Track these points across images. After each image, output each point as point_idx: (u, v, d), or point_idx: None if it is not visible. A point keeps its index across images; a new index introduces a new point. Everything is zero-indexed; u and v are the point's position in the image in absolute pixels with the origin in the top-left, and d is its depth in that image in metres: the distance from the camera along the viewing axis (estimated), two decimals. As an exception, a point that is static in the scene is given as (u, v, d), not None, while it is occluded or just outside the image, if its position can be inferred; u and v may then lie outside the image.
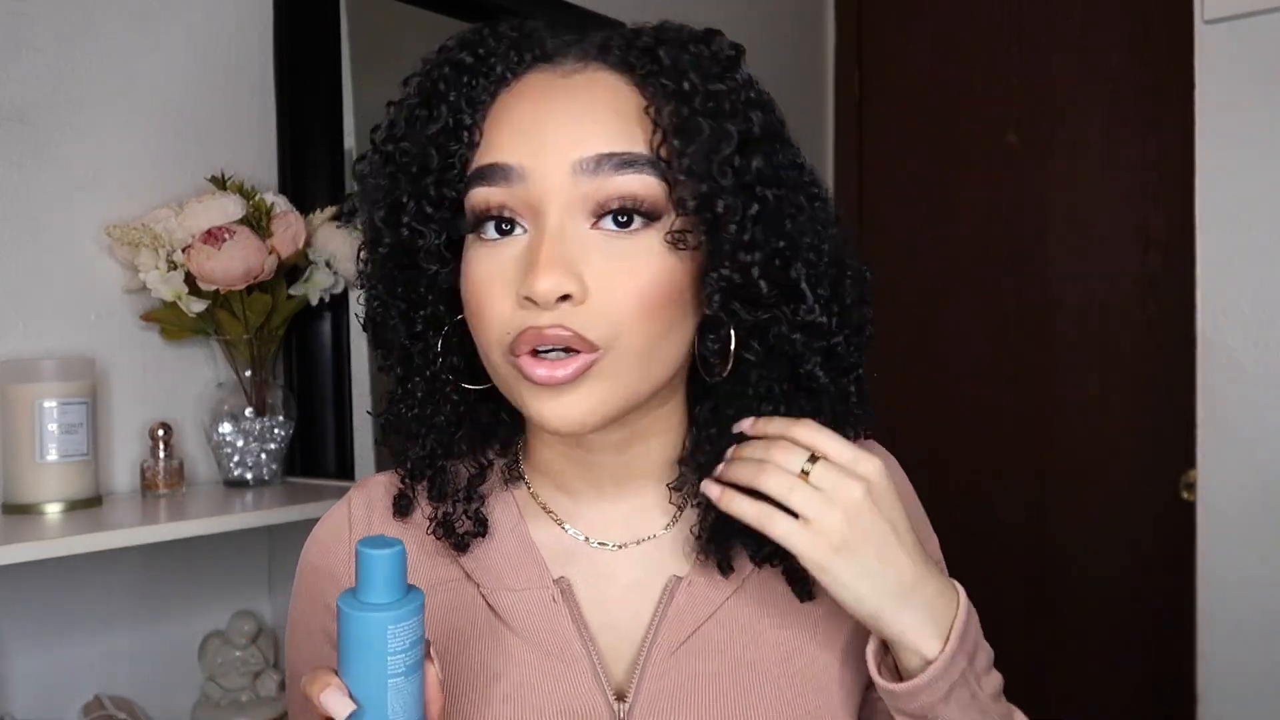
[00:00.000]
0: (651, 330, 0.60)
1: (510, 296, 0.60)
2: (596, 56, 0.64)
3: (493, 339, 0.61)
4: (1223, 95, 1.58)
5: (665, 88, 0.61)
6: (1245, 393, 1.57)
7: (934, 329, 2.39)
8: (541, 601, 0.67)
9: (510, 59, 0.65)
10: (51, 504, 1.13)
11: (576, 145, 0.60)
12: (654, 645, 0.66)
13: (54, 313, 1.23)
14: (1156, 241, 2.08)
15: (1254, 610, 1.56)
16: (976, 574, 2.66)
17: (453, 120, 0.63)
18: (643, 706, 0.65)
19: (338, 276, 1.35)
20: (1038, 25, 2.24)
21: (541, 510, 0.71)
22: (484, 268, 0.62)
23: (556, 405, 0.60)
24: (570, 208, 0.60)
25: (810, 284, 0.64)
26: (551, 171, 0.60)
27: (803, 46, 2.48)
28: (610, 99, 0.61)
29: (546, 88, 0.62)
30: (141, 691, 1.29)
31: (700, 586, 0.68)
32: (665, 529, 0.71)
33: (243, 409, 1.31)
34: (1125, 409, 2.11)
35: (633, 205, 0.60)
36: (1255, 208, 1.56)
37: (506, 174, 0.60)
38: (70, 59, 1.24)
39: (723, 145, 0.60)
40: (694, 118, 0.60)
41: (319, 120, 1.45)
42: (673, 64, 0.61)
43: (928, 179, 2.40)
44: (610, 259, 0.60)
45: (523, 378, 0.61)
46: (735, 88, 0.62)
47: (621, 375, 0.61)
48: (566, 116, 0.61)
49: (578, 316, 0.59)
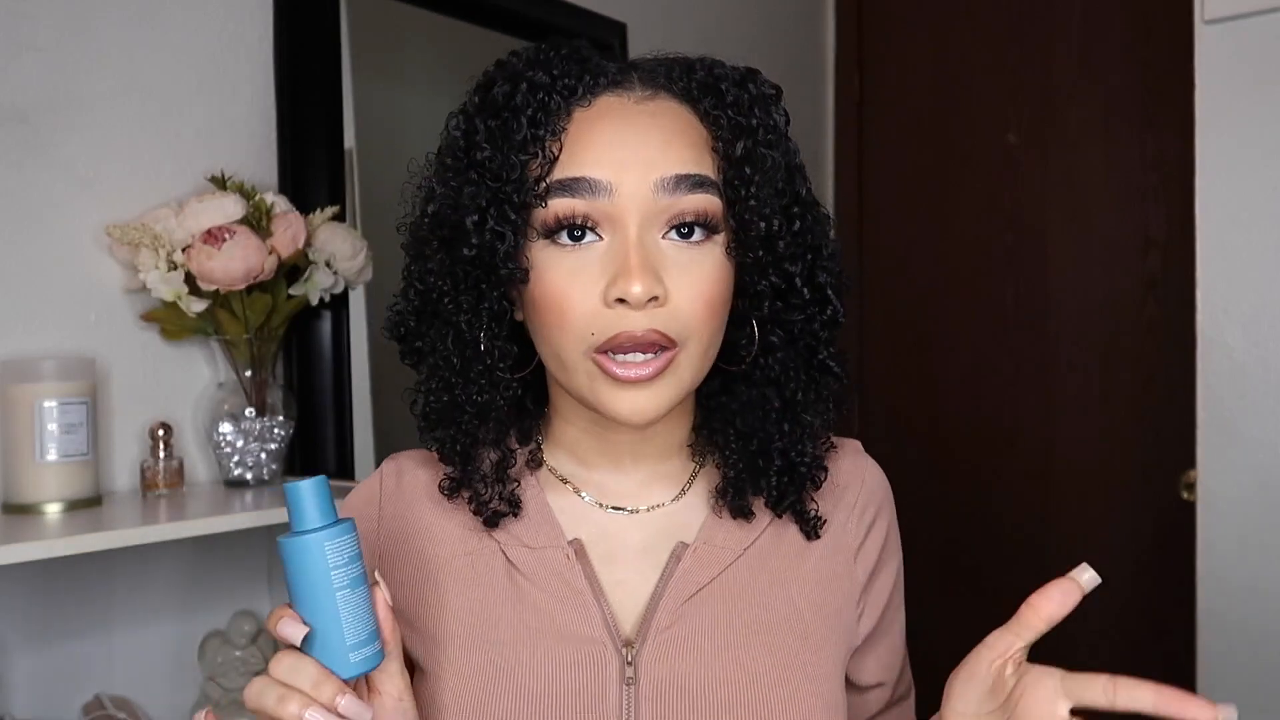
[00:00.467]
0: (713, 328, 0.70)
1: (593, 298, 0.67)
2: (665, 86, 0.72)
3: (575, 336, 0.68)
4: (1223, 95, 1.58)
5: (730, 120, 0.70)
6: (1245, 393, 1.57)
7: (934, 329, 2.40)
8: (557, 558, 0.74)
9: (585, 80, 0.71)
10: (51, 504, 1.13)
11: (657, 165, 0.67)
12: (662, 600, 0.73)
13: (54, 313, 1.23)
14: (1156, 241, 2.09)
15: (1254, 610, 1.56)
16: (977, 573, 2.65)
17: (532, 134, 0.68)
18: (649, 653, 0.72)
19: (338, 276, 1.35)
20: (1038, 25, 2.24)
21: (560, 482, 0.78)
22: (563, 270, 0.68)
23: (634, 400, 0.68)
24: (647, 220, 0.67)
25: (834, 290, 0.75)
26: (635, 188, 0.67)
27: (803, 47, 2.48)
28: (681, 125, 0.70)
29: (623, 111, 0.70)
30: (141, 691, 1.29)
31: (705, 552, 0.76)
32: (673, 500, 0.78)
33: (243, 409, 1.31)
34: (1125, 409, 2.11)
35: (701, 221, 0.68)
36: (1255, 208, 1.56)
37: (593, 187, 0.67)
38: (70, 59, 1.24)
39: (776, 173, 0.70)
40: (758, 149, 0.69)
41: (319, 120, 1.45)
42: (734, 100, 0.70)
43: (928, 179, 2.40)
44: (681, 266, 0.68)
45: (602, 374, 0.68)
46: (782, 123, 0.72)
47: (689, 370, 0.70)
48: (647, 138, 0.68)
49: (661, 317, 0.67)
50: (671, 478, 0.79)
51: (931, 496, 2.37)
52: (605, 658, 0.71)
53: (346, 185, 1.47)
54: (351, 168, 1.49)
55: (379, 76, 1.58)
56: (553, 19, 1.78)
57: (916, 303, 2.42)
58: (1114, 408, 2.13)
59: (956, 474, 2.34)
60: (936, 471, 2.37)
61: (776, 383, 0.76)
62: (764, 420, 0.76)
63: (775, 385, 0.76)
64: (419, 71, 1.67)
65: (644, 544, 0.77)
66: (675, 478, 0.79)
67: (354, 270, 1.37)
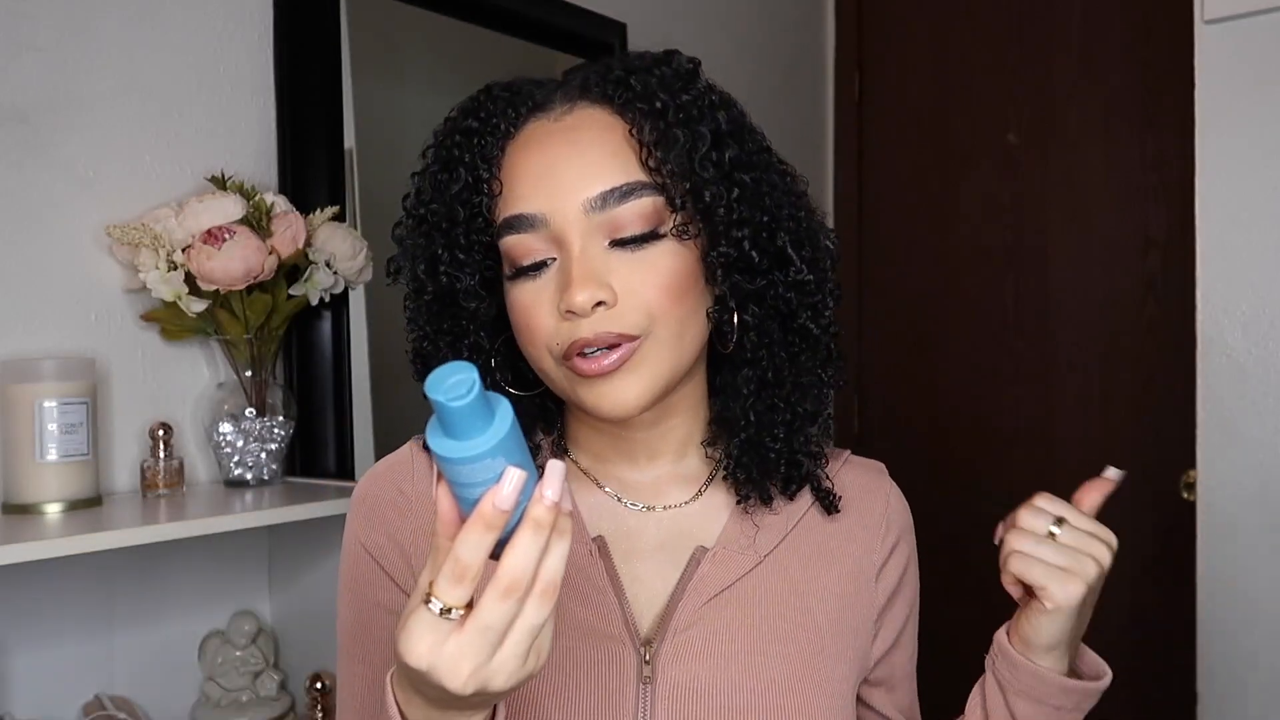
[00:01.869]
0: (679, 314, 0.71)
1: (553, 314, 0.70)
2: (580, 96, 0.73)
3: (543, 350, 0.72)
4: (1223, 95, 1.58)
5: (641, 109, 0.71)
6: (1245, 393, 1.57)
7: (934, 329, 2.39)
8: (581, 554, 0.75)
9: (509, 115, 0.74)
10: (51, 504, 1.12)
11: (583, 187, 0.70)
12: (681, 602, 0.75)
13: (54, 313, 1.23)
14: (1156, 241, 2.08)
15: (1254, 610, 1.56)
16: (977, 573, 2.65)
17: (471, 178, 0.73)
18: (666, 654, 0.73)
19: (338, 276, 1.35)
20: (1038, 25, 2.24)
21: (582, 474, 0.80)
22: (526, 295, 0.72)
23: (609, 392, 0.70)
24: (587, 235, 0.70)
25: (795, 249, 0.74)
26: (568, 212, 0.70)
27: (803, 47, 2.48)
28: (600, 135, 0.71)
29: (545, 136, 0.72)
30: (141, 691, 1.29)
31: (724, 557, 0.77)
32: (689, 501, 0.80)
33: (243, 409, 1.30)
34: (1125, 409, 2.11)
35: (639, 233, 0.70)
36: (1255, 208, 1.56)
37: (531, 221, 0.70)
38: (70, 59, 1.24)
39: (699, 145, 0.70)
40: (670, 129, 0.70)
41: (319, 120, 1.45)
42: (643, 88, 0.72)
43: (928, 179, 2.40)
44: (631, 266, 0.70)
45: (577, 376, 0.70)
46: (699, 95, 0.73)
47: (661, 357, 0.71)
48: (569, 163, 0.70)
49: (613, 318, 0.69)
50: (688, 478, 0.80)
51: (931, 496, 2.37)
52: (624, 655, 0.72)
53: (346, 185, 1.47)
54: (351, 168, 1.49)
55: (379, 76, 1.58)
56: (553, 19, 1.78)
57: (916, 303, 2.42)
58: (1114, 408, 2.13)
59: (956, 474, 2.34)
60: (936, 471, 2.37)
61: (754, 361, 0.76)
62: (750, 402, 0.76)
63: (752, 364, 0.76)
64: (419, 71, 1.67)
65: (661, 542, 0.78)
66: (692, 477, 0.80)
67: (354, 270, 1.37)
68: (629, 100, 0.71)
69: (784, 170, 0.77)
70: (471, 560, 0.51)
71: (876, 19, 2.48)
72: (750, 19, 2.29)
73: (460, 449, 0.51)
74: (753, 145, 0.75)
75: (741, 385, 0.77)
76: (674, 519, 0.79)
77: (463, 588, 0.51)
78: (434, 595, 0.51)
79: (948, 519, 2.37)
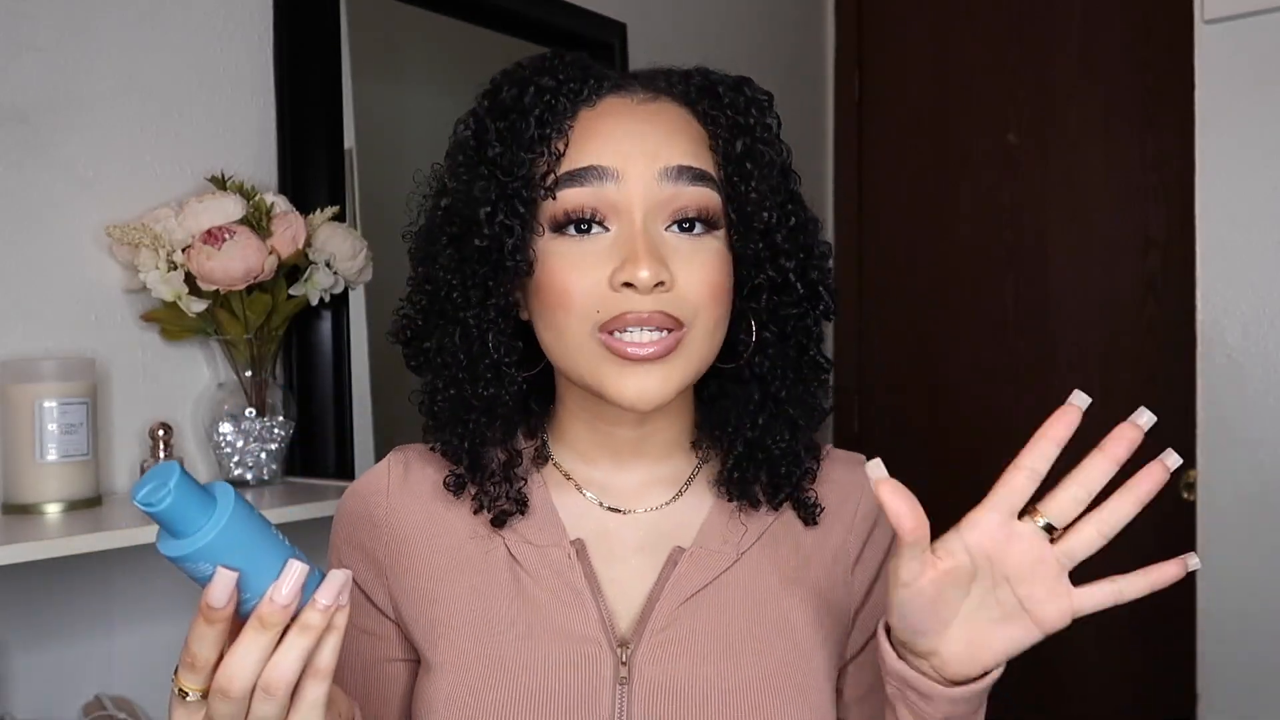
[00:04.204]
0: (717, 313, 0.72)
1: (599, 280, 0.69)
2: (664, 89, 0.75)
3: (579, 316, 0.70)
4: (1223, 95, 1.58)
5: (728, 119, 0.73)
6: (1245, 393, 1.57)
7: (934, 329, 2.39)
8: (559, 557, 0.76)
9: (590, 83, 0.74)
10: (51, 504, 1.12)
11: (661, 155, 0.70)
12: (658, 603, 0.75)
13: (54, 313, 1.23)
14: (1156, 241, 2.09)
15: (1254, 610, 1.56)
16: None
17: (539, 133, 0.71)
18: (643, 654, 0.73)
19: (338, 276, 1.35)
20: (1038, 25, 2.24)
21: (564, 478, 0.80)
22: (569, 257, 0.70)
23: (640, 382, 0.69)
24: (652, 211, 0.70)
25: (826, 287, 0.77)
26: (641, 175, 0.70)
27: (803, 47, 2.48)
28: (682, 124, 0.73)
29: (626, 109, 0.73)
30: (141, 691, 1.29)
31: (701, 556, 0.77)
32: (668, 503, 0.80)
33: (243, 409, 1.30)
34: (1125, 409, 2.10)
35: (701, 216, 0.71)
36: (1255, 208, 1.56)
37: (600, 174, 0.70)
38: (71, 59, 1.24)
39: (771, 171, 0.73)
40: (756, 145, 0.73)
41: (319, 120, 1.45)
42: (730, 101, 0.74)
43: (928, 179, 2.40)
44: (685, 254, 0.71)
45: (609, 354, 0.69)
46: (775, 126, 0.75)
47: (695, 352, 0.71)
48: (651, 130, 0.71)
49: (667, 300, 0.69)
50: (669, 479, 0.81)
51: (932, 496, 2.37)
52: (600, 657, 0.73)
53: (346, 185, 1.47)
54: (351, 168, 1.49)
55: (379, 76, 1.58)
56: (553, 19, 1.78)
57: (916, 302, 2.42)
58: (1114, 408, 2.12)
59: (956, 474, 2.33)
60: (936, 471, 2.36)
61: (766, 379, 0.78)
62: (756, 415, 0.78)
63: (764, 382, 0.78)
64: (419, 71, 1.67)
65: (640, 544, 0.78)
66: (673, 479, 0.81)
67: (354, 270, 1.37)
68: (716, 107, 0.74)
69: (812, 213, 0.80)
70: (199, 651, 0.55)
71: (876, 19, 2.48)
72: (750, 19, 2.29)
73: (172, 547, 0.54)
74: (797, 184, 0.78)
75: (746, 400, 0.78)
76: (653, 521, 0.79)
77: (196, 675, 0.55)
78: (175, 679, 0.56)
79: (947, 519, 2.37)
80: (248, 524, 0.54)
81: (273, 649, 0.55)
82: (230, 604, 0.53)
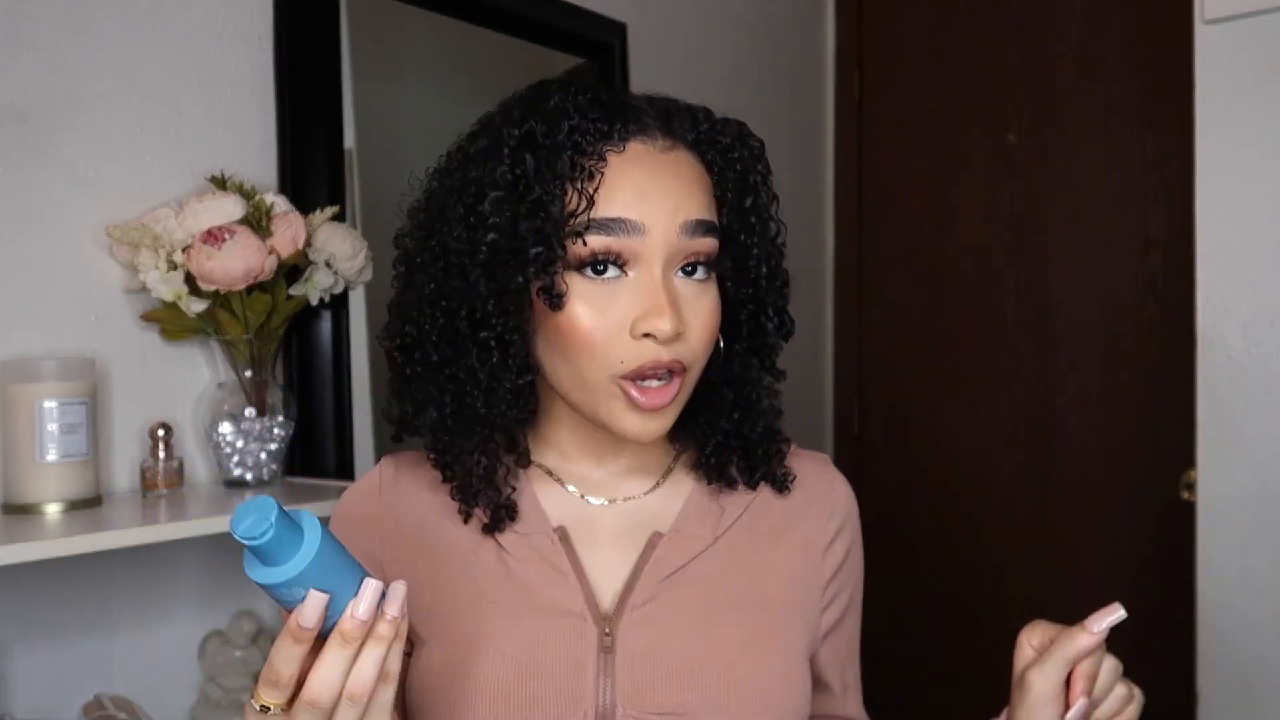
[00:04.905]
0: (708, 352, 0.79)
1: (623, 329, 0.74)
2: (680, 136, 0.79)
3: (603, 363, 0.74)
4: (1223, 95, 1.58)
5: (737, 175, 0.79)
6: (1245, 393, 1.57)
7: (934, 329, 2.39)
8: (543, 543, 0.81)
9: (617, 126, 0.76)
10: (51, 504, 1.12)
11: (681, 209, 0.75)
12: (638, 582, 0.80)
13: (54, 313, 1.23)
14: (1156, 241, 2.08)
15: (1254, 610, 1.56)
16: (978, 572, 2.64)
17: (571, 174, 0.74)
18: (625, 626, 0.78)
19: (338, 276, 1.35)
20: (1038, 25, 2.24)
21: (546, 475, 0.85)
22: (592, 300, 0.74)
23: (646, 423, 0.75)
24: (670, 259, 0.75)
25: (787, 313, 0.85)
26: (664, 228, 0.74)
27: (803, 47, 2.48)
28: (696, 175, 0.78)
29: (650, 159, 0.76)
30: (141, 691, 1.29)
31: (678, 540, 0.82)
32: (646, 493, 0.85)
33: (243, 409, 1.30)
34: (1125, 409, 2.11)
35: (706, 261, 0.77)
36: (1255, 208, 1.56)
37: (629, 228, 0.74)
38: (71, 59, 1.24)
39: (770, 221, 0.81)
40: (758, 201, 0.80)
41: (319, 120, 1.45)
42: (740, 157, 0.80)
43: (928, 179, 2.40)
44: (691, 301, 0.76)
45: (624, 399, 0.75)
46: (766, 175, 0.81)
47: (689, 387, 0.78)
48: (673, 184, 0.76)
49: (680, 349, 0.75)
50: (647, 470, 0.86)
51: (931, 496, 2.37)
52: (585, 629, 0.78)
53: (346, 185, 1.47)
54: (351, 168, 1.49)
55: (379, 76, 1.58)
56: (553, 19, 1.78)
57: (916, 302, 2.42)
58: (1114, 408, 2.13)
59: (956, 473, 2.34)
60: (936, 471, 2.37)
61: (738, 382, 0.84)
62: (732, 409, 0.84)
63: (736, 385, 0.84)
64: (419, 72, 1.67)
65: (620, 530, 0.83)
66: (650, 471, 0.87)
67: (354, 270, 1.37)
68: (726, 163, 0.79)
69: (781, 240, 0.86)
70: (283, 669, 0.59)
71: (876, 19, 2.48)
72: (750, 19, 2.29)
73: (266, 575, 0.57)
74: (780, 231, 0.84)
75: (720, 401, 0.84)
76: (633, 509, 0.84)
77: (277, 691, 0.59)
78: (255, 693, 0.60)
79: (947, 519, 2.37)
80: (330, 549, 0.58)
81: (354, 660, 0.59)
82: (319, 625, 0.58)
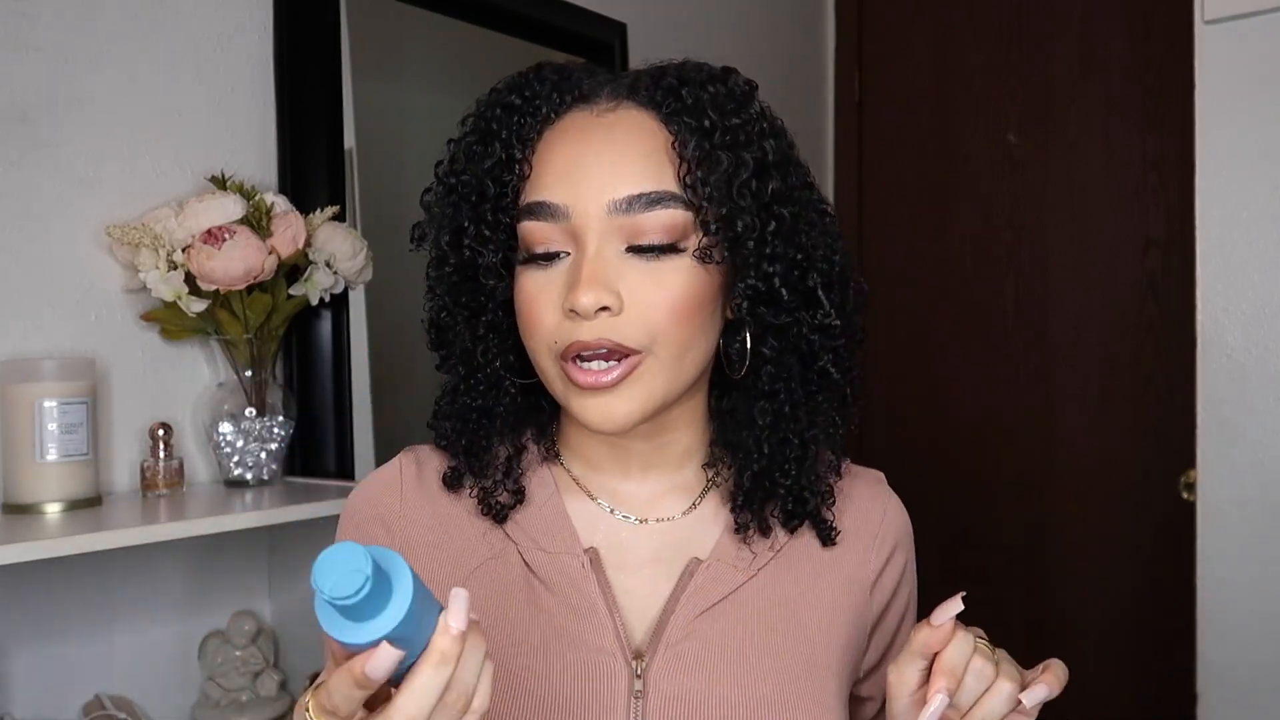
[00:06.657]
0: (683, 335, 0.70)
1: (556, 310, 0.69)
2: (628, 95, 0.72)
3: (541, 346, 0.71)
4: (1223, 95, 1.58)
5: (689, 124, 0.69)
6: (1245, 393, 1.57)
7: (934, 329, 2.39)
8: (573, 566, 0.75)
9: (553, 99, 0.73)
10: (51, 504, 1.12)
11: (610, 188, 0.68)
12: (673, 615, 0.73)
13: (54, 313, 1.23)
14: (1156, 241, 2.09)
15: (1254, 610, 1.56)
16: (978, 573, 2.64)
17: (505, 155, 0.72)
18: (658, 667, 0.72)
19: (338, 276, 1.35)
20: (1038, 25, 2.24)
21: (574, 484, 0.79)
22: (533, 286, 0.71)
23: (600, 406, 0.69)
24: (606, 236, 0.69)
25: (825, 291, 0.73)
26: (590, 209, 0.69)
27: (803, 47, 2.48)
28: (640, 138, 0.70)
29: (585, 127, 0.71)
30: (141, 691, 1.29)
31: (718, 569, 0.75)
32: (683, 514, 0.78)
33: (243, 409, 1.30)
34: (1125, 409, 2.11)
35: (660, 242, 0.69)
36: (1255, 208, 1.56)
37: (552, 211, 0.70)
38: (71, 59, 1.24)
39: (740, 172, 0.69)
40: (714, 151, 0.69)
41: (319, 120, 1.45)
42: (694, 102, 0.70)
43: (928, 179, 2.40)
44: (644, 276, 0.69)
45: (570, 382, 0.70)
46: (750, 120, 0.71)
47: (658, 376, 0.70)
48: (600, 159, 0.69)
49: (616, 326, 0.68)
50: (683, 490, 0.79)
51: (931, 496, 2.37)
52: (615, 669, 0.71)
53: (346, 185, 1.47)
54: (351, 168, 1.49)
55: (379, 76, 1.58)
56: (553, 19, 1.78)
57: (916, 303, 2.42)
58: (1114, 408, 2.13)
59: (956, 474, 2.34)
60: (936, 471, 2.37)
61: (771, 394, 0.75)
62: (765, 435, 0.75)
63: (770, 397, 0.75)
64: (419, 71, 1.67)
65: (654, 555, 0.77)
66: (687, 490, 0.79)
67: (354, 270, 1.37)
68: (676, 111, 0.70)
69: (823, 209, 0.76)
70: (344, 706, 0.51)
71: (876, 19, 2.48)
72: (750, 19, 2.29)
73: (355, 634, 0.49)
74: (796, 179, 0.73)
75: (757, 416, 0.75)
76: (667, 531, 0.77)
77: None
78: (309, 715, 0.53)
79: (947, 519, 2.37)
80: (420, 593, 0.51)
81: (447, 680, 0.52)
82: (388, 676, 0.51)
